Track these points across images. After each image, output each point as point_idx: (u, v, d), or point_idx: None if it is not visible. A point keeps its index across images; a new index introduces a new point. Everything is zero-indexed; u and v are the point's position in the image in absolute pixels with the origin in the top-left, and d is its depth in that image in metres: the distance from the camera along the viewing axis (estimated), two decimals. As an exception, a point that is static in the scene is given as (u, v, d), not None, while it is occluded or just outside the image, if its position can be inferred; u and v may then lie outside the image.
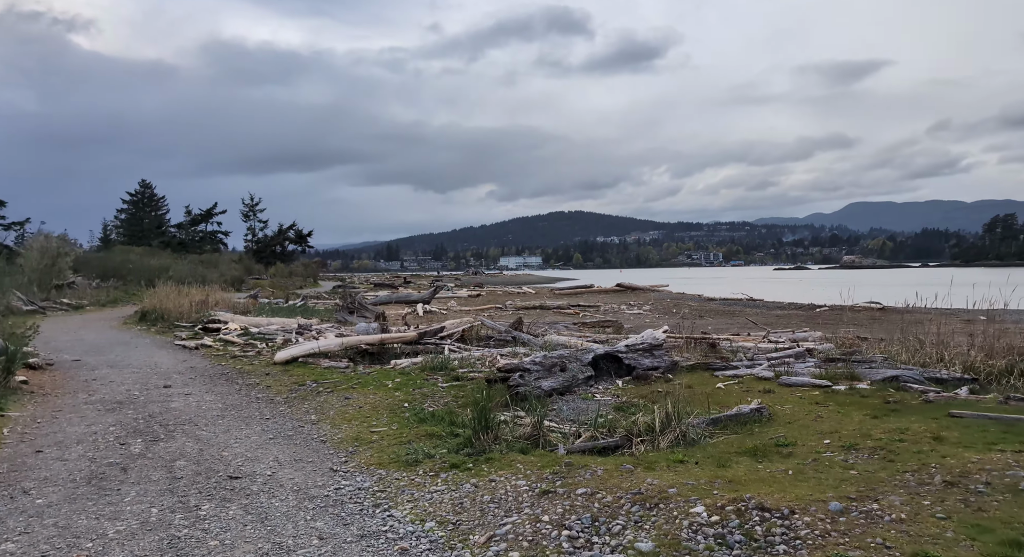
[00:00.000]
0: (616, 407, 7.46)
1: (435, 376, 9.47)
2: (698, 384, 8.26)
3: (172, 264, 40.90)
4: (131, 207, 68.71)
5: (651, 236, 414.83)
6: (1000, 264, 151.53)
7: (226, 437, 6.96)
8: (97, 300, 33.19)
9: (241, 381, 10.43)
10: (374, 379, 9.55)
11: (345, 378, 9.80)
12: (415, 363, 10.65)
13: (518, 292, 48.80)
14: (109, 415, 8.14)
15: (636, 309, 30.00)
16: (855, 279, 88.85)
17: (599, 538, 3.86)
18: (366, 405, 7.98)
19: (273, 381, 10.14)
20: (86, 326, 21.35)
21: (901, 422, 5.51)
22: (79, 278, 40.93)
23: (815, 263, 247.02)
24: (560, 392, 8.06)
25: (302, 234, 72.72)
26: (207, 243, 66.84)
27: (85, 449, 6.62)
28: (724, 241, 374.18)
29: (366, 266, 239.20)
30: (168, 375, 11.14)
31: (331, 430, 7.04)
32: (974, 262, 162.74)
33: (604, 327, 15.58)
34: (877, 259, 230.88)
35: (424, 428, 6.69)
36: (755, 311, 28.74)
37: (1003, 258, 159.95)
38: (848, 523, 3.56)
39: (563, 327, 15.09)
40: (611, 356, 8.92)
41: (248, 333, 16.20)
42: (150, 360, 12.90)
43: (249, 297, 30.30)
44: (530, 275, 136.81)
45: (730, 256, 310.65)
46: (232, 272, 43.99)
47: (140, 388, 10.01)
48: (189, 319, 21.06)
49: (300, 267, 62.04)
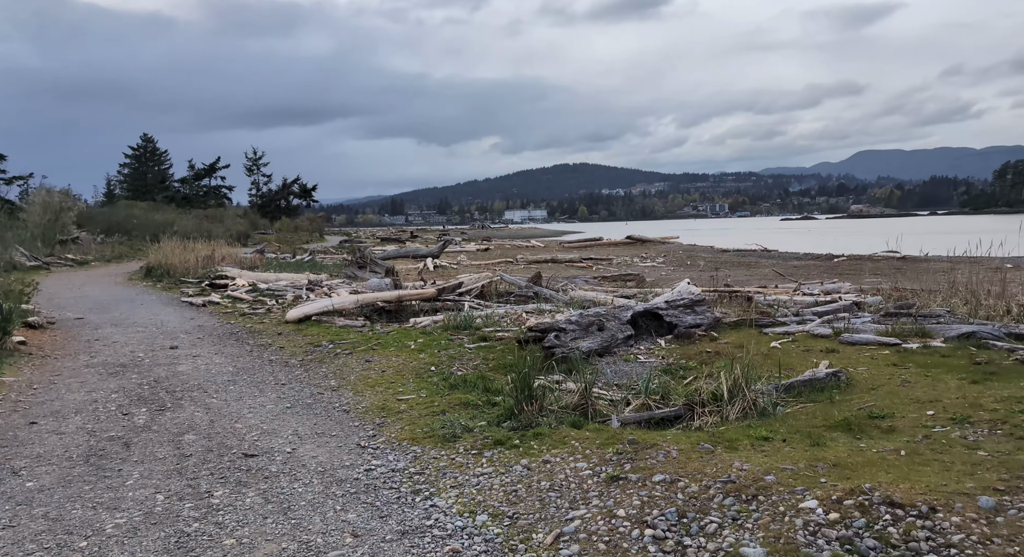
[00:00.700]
0: (664, 370, 6.79)
1: (460, 336, 8.80)
2: (748, 343, 7.58)
3: (177, 219, 40.21)
4: (134, 162, 67.74)
5: (656, 188, 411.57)
6: (1010, 211, 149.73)
7: (238, 406, 6.33)
8: (102, 255, 32.59)
9: (252, 341, 9.80)
10: (394, 339, 8.89)
11: (363, 338, 9.15)
12: (436, 321, 9.99)
13: (527, 246, 48.00)
14: (112, 380, 7.52)
15: (650, 262, 29.28)
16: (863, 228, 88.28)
17: (691, 540, 3.21)
18: (389, 368, 7.33)
19: (286, 341, 9.50)
20: (90, 282, 20.76)
21: (1010, 388, 4.82)
22: (83, 233, 40.33)
23: (822, 213, 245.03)
24: (599, 353, 7.39)
25: (307, 188, 71.75)
26: (211, 198, 65.98)
27: (84, 420, 6.00)
28: (730, 192, 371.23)
29: (370, 221, 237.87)
30: (175, 335, 10.51)
31: (354, 398, 6.39)
32: (984, 209, 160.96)
33: (625, 281, 14.88)
34: (884, 208, 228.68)
35: (457, 395, 6.04)
36: (771, 262, 28.00)
37: (1013, 205, 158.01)
38: (1010, 526, 2.88)
39: (582, 281, 14.39)
40: (650, 313, 8.23)
41: (257, 289, 15.56)
42: (156, 318, 12.28)
43: (256, 252, 29.63)
44: (536, 228, 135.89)
45: (736, 207, 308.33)
46: (237, 227, 43.25)
47: (145, 349, 9.39)
48: (195, 275, 20.45)
49: (305, 222, 61.18)
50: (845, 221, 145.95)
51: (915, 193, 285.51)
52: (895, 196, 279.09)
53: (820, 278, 20.24)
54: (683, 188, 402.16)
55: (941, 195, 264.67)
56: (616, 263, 28.53)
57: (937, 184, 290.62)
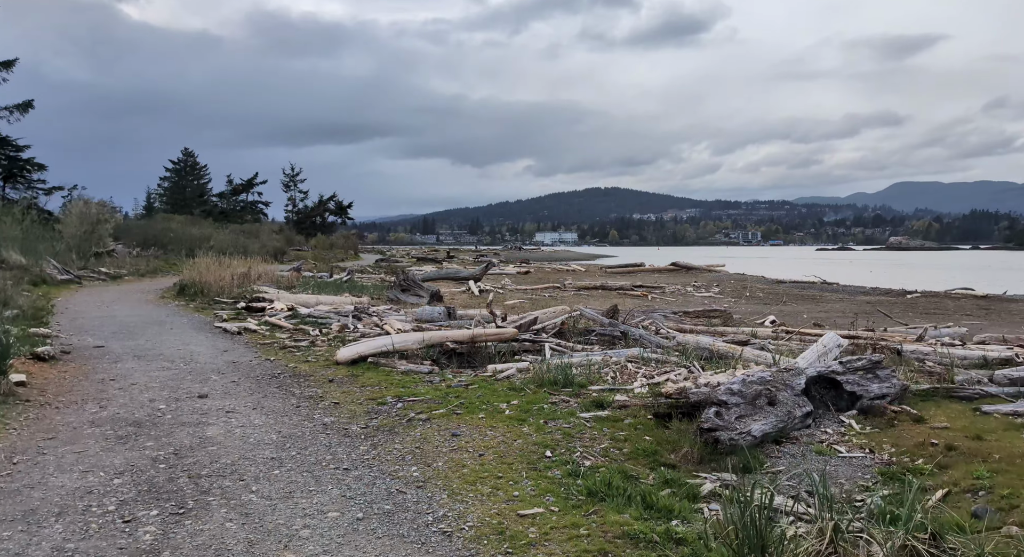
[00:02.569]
0: (882, 472, 4.81)
1: (562, 396, 6.86)
2: (970, 428, 5.56)
3: (213, 233, 38.95)
4: (174, 175, 67.21)
5: (688, 214, 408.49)
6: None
7: (288, 512, 4.45)
8: (136, 269, 31.31)
9: (298, 390, 7.96)
10: (479, 397, 6.98)
11: (437, 393, 7.26)
12: (522, 371, 8.08)
13: (567, 269, 45.99)
14: (119, 450, 5.70)
15: (705, 291, 27.22)
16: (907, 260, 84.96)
17: None
18: (487, 449, 5.42)
19: (341, 393, 7.64)
20: (121, 299, 19.24)
21: None
22: (119, 246, 39.29)
23: (857, 244, 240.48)
24: (775, 439, 5.43)
25: (342, 205, 70.73)
26: (248, 213, 65.10)
27: (66, 533, 4.15)
28: (763, 220, 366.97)
29: (402, 239, 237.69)
30: (205, 374, 8.74)
31: (451, 505, 4.49)
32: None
33: (710, 317, 12.86)
34: (923, 241, 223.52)
35: (609, 515, 4.10)
36: (838, 295, 25.81)
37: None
38: None
39: (660, 316, 12.43)
40: (825, 379, 6.24)
41: (297, 315, 13.81)
42: (185, 348, 10.60)
43: (292, 270, 28.07)
44: (568, 251, 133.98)
45: (769, 235, 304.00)
46: (273, 243, 41.92)
47: (168, 397, 7.59)
48: (230, 294, 18.85)
49: (340, 239, 59.96)
50: (884, 253, 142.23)
51: (954, 227, 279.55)
52: (933, 229, 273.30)
53: (901, 317, 18.08)
54: (715, 215, 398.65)
55: (982, 229, 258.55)
56: (670, 292, 26.52)
57: (977, 218, 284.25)
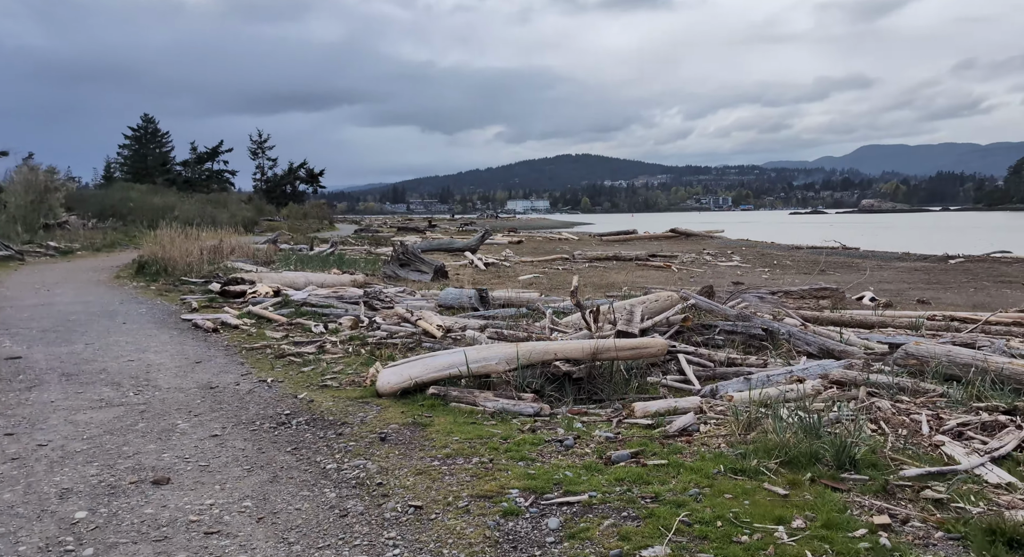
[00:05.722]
0: None
1: (870, 498, 3.68)
2: None
3: (178, 203, 36.00)
4: (134, 143, 63.45)
5: (659, 180, 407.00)
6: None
7: None
8: (91, 243, 28.47)
9: (332, 462, 4.64)
10: (692, 495, 3.83)
11: (593, 478, 4.15)
12: (699, 417, 5.12)
13: (560, 238, 43.74)
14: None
15: (725, 260, 25.18)
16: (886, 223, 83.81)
17: None
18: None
19: (413, 477, 4.31)
20: (67, 279, 16.61)
21: None
22: (73, 217, 36.28)
23: (826, 207, 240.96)
24: None
25: (313, 173, 67.66)
26: (214, 182, 61.81)
27: None
28: (733, 185, 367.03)
29: (372, 208, 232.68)
30: (167, 417, 5.67)
31: None
32: (998, 206, 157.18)
33: (818, 298, 10.76)
34: (894, 203, 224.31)
35: None
36: (874, 262, 23.86)
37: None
38: None
39: (754, 298, 10.30)
40: None
41: (288, 302, 11.38)
42: (140, 360, 7.79)
43: (269, 242, 25.51)
44: (543, 219, 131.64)
45: (739, 200, 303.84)
46: (243, 213, 39.08)
47: (97, 484, 4.30)
48: (200, 273, 16.34)
49: (313, 208, 57.00)
50: (859, 216, 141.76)
51: (921, 189, 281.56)
52: (900, 191, 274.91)
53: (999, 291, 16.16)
54: (685, 181, 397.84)
55: (947, 191, 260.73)
56: (688, 262, 24.44)
57: (943, 180, 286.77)
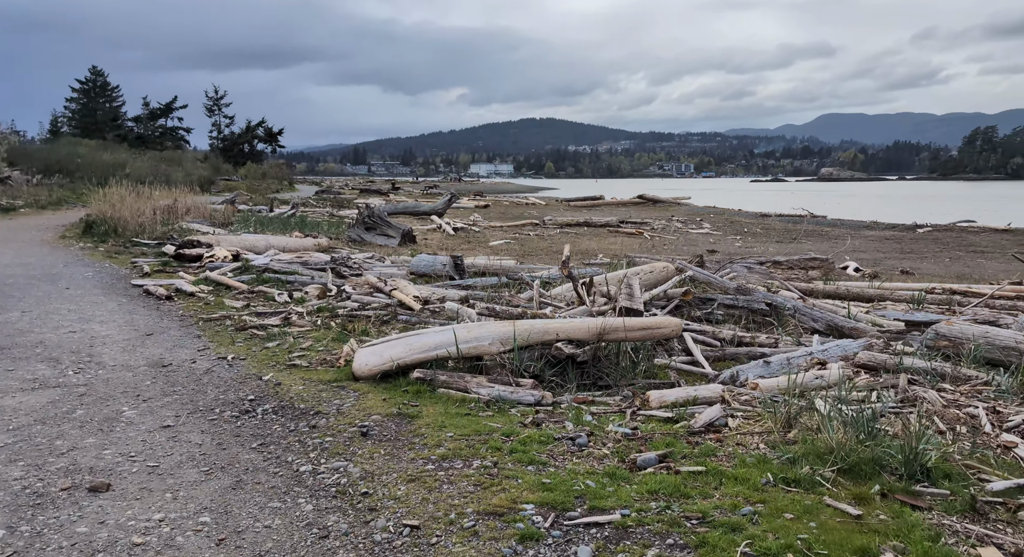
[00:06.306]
0: None
1: (956, 520, 3.25)
2: None
3: (129, 160, 34.45)
4: (82, 96, 60.54)
5: (623, 146, 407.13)
6: (978, 178, 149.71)
7: None
8: (35, 200, 27.06)
9: (307, 463, 4.15)
10: (745, 515, 3.40)
11: (620, 489, 3.72)
12: (699, 397, 4.89)
13: (527, 202, 43.01)
14: None
15: (695, 228, 24.86)
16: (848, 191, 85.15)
17: None
18: None
19: (406, 484, 3.84)
20: (7, 239, 15.58)
21: None
22: (16, 173, 34.58)
23: (787, 175, 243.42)
24: None
25: (272, 132, 65.60)
26: (168, 139, 59.52)
27: None
28: (695, 152, 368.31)
29: (332, 170, 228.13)
30: (111, 403, 5.05)
31: None
32: (952, 176, 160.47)
33: (807, 269, 10.36)
34: (852, 172, 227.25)
35: None
36: (844, 231, 23.76)
37: (980, 171, 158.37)
38: None
39: (742, 268, 9.85)
40: None
41: (248, 267, 10.65)
42: (83, 331, 7.20)
43: (227, 202, 24.47)
44: (507, 183, 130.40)
45: (701, 167, 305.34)
46: (199, 172, 37.60)
47: (19, 492, 3.72)
48: (153, 234, 15.45)
49: (273, 168, 55.34)
50: (818, 184, 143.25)
51: (878, 157, 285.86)
52: (858, 160, 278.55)
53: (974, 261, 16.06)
54: (649, 147, 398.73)
55: (904, 160, 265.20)
56: (660, 229, 24.05)
57: (900, 149, 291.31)
